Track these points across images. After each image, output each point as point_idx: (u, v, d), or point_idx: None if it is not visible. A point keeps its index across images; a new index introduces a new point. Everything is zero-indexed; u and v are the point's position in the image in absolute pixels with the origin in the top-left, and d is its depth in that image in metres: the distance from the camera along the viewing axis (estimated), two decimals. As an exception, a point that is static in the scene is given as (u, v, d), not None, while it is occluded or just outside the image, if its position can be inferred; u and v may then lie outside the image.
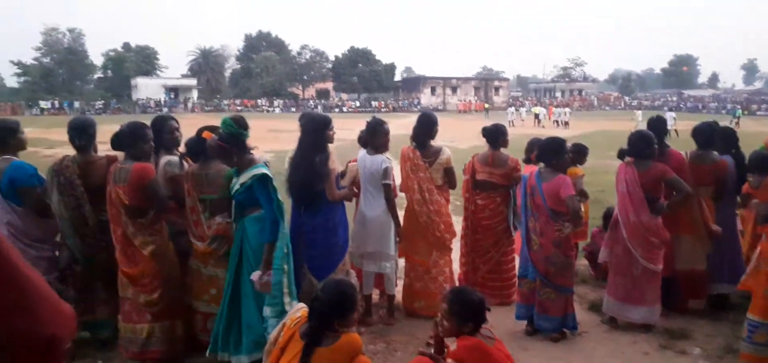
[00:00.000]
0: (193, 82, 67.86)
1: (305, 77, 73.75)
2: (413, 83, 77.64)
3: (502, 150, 5.11)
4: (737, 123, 35.71)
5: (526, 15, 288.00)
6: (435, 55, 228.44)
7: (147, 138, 3.84)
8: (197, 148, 3.94)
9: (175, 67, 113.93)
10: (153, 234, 3.84)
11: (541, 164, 4.50)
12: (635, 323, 4.56)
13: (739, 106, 47.69)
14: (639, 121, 30.61)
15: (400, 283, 5.06)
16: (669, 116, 31.08)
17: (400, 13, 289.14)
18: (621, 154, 4.59)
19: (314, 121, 4.21)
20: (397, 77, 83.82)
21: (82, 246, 3.94)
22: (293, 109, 63.65)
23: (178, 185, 4.04)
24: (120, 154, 3.92)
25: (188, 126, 4.87)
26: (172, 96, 63.91)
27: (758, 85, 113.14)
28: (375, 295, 5.06)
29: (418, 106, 68.22)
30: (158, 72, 73.16)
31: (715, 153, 4.91)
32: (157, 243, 3.84)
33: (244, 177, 3.61)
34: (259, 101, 64.62)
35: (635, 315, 4.52)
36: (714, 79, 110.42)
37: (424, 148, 4.82)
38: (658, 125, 4.91)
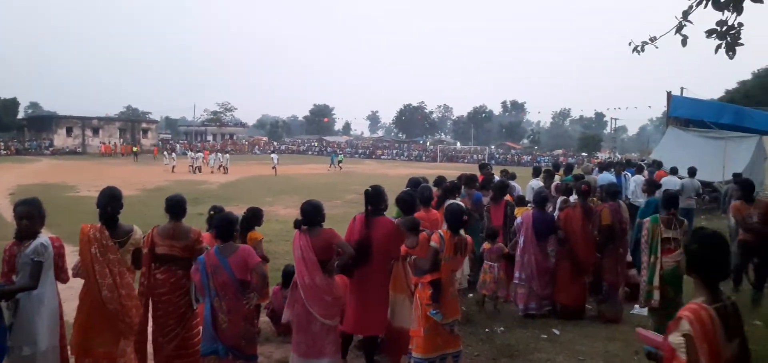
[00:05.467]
0: None
1: None
2: (43, 122, 68.29)
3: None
4: (340, 165, 42.65)
5: (171, 54, 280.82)
6: (69, 92, 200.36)
7: None
8: None
9: None
10: None
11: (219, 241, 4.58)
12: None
13: (339, 151, 55.53)
14: (275, 163, 37.19)
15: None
16: (273, 158, 38.60)
17: (19, 41, 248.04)
18: (297, 224, 4.90)
19: None
20: (21, 115, 71.97)
21: None
22: None
23: None
24: None
25: None
26: None
27: (380, 133, 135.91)
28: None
29: (51, 148, 59.96)
30: None
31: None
32: None
33: None
34: None
35: (318, 368, 4.86)
36: (347, 127, 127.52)
37: (113, 227, 4.35)
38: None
